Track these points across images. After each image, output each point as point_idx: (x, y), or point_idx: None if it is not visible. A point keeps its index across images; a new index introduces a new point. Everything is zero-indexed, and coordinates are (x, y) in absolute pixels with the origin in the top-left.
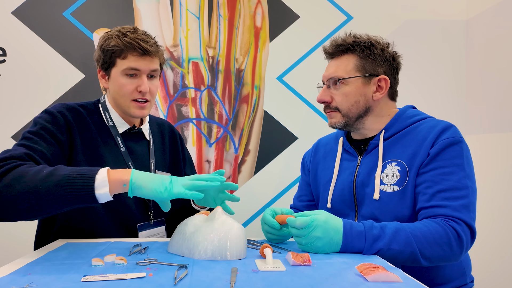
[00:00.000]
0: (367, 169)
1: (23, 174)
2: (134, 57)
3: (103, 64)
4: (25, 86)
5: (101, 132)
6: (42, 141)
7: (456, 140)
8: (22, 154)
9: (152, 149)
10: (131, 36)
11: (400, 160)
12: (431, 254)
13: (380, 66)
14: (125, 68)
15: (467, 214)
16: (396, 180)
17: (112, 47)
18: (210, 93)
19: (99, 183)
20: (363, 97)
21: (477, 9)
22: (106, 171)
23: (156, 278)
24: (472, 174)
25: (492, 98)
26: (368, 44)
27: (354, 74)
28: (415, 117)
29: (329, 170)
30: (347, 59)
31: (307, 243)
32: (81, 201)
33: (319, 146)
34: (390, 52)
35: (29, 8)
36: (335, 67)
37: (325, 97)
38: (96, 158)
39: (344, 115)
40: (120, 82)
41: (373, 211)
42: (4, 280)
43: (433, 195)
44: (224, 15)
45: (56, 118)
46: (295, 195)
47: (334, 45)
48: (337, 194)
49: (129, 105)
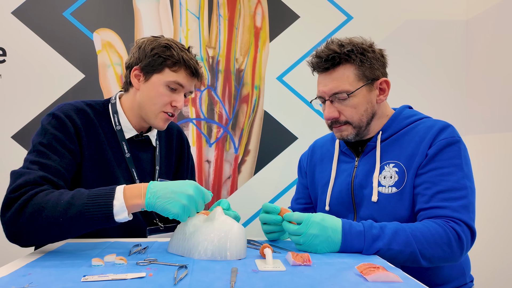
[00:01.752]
0: (364, 171)
1: (43, 206)
2: (185, 74)
3: (146, 66)
4: (25, 86)
5: (108, 136)
6: (54, 155)
7: (454, 140)
8: (37, 178)
9: (158, 156)
10: (189, 55)
11: (398, 161)
12: (431, 254)
13: (377, 68)
14: (172, 80)
15: (466, 215)
16: (394, 182)
17: (169, 56)
18: (210, 93)
19: (117, 210)
20: (369, 104)
21: (477, 9)
22: (122, 196)
23: (156, 278)
24: (471, 174)
25: (492, 98)
26: (361, 50)
27: (358, 85)
28: (412, 118)
29: (326, 172)
30: (344, 70)
31: (304, 241)
32: (103, 225)
33: (315, 148)
34: (377, 51)
35: (29, 8)
36: (335, 81)
37: (333, 113)
38: (102, 163)
39: (356, 127)
40: (159, 91)
41: (371, 213)
42: (4, 280)
43: (432, 196)
44: (224, 15)
45: (65, 126)
46: (293, 198)
47: (326, 58)
48: (335, 197)
49: (157, 115)
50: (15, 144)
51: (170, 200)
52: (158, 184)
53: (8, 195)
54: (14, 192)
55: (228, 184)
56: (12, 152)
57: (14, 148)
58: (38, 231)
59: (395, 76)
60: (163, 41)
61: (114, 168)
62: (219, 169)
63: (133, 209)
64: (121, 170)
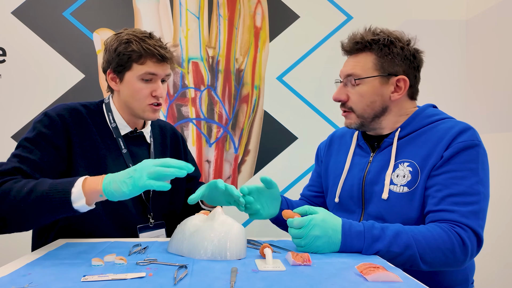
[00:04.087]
0: (378, 167)
1: (7, 192)
2: (152, 63)
3: (116, 67)
4: (25, 86)
5: (102, 134)
6: (36, 149)
7: (473, 143)
8: (10, 168)
9: (152, 152)
10: (149, 42)
11: (413, 161)
12: (432, 259)
13: (399, 65)
14: (143, 73)
15: (475, 221)
16: (406, 181)
17: (131, 51)
18: (210, 93)
19: (75, 197)
20: (379, 97)
21: (477, 9)
22: (81, 183)
23: (156, 278)
24: (487, 180)
25: (492, 98)
26: (387, 42)
27: (372, 74)
28: (433, 117)
29: (340, 164)
30: (365, 57)
31: (306, 243)
32: (64, 213)
33: (334, 138)
34: (410, 49)
35: (29, 8)
36: (353, 64)
37: (341, 95)
38: (96, 161)
39: (359, 116)
40: (136, 87)
41: (380, 210)
42: (4, 280)
43: (442, 199)
44: (224, 15)
45: (54, 122)
46: (306, 184)
47: (352, 42)
48: (346, 190)
49: (144, 109)
50: (15, 144)
51: (120, 177)
52: (118, 172)
53: None
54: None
55: None
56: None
57: (14, 148)
58: (2, 216)
59: None
60: (124, 36)
61: (109, 165)
62: (219, 169)
63: (92, 196)
64: (117, 166)
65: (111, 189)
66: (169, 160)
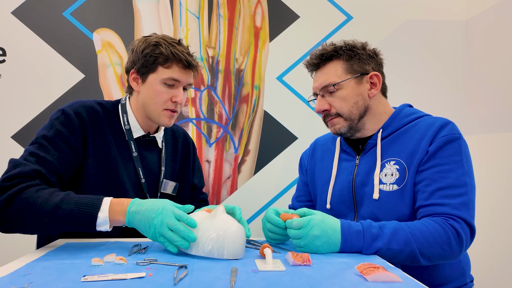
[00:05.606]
0: (366, 169)
1: (31, 203)
2: (178, 68)
3: (140, 68)
4: (25, 86)
5: (115, 135)
6: (54, 150)
7: (454, 137)
8: (30, 171)
9: (163, 157)
10: (178, 48)
11: (399, 158)
12: (430, 253)
13: (367, 63)
14: (166, 77)
15: (466, 212)
16: (395, 179)
17: (158, 54)
18: (210, 93)
19: (100, 221)
20: (360, 97)
21: (477, 9)
22: (108, 209)
23: (156, 278)
24: (471, 171)
25: (492, 98)
26: (349, 47)
27: (346, 77)
28: (412, 115)
29: (327, 170)
30: (334, 65)
31: (306, 243)
32: (84, 231)
33: (317, 146)
34: (370, 49)
35: (29, 8)
36: (325, 76)
37: (323, 105)
38: (107, 161)
39: (347, 119)
40: (157, 90)
41: (372, 210)
42: (4, 280)
43: (432, 193)
44: (224, 15)
45: (71, 121)
46: (294, 196)
47: (318, 55)
48: (336, 195)
49: (160, 113)
50: (15, 144)
51: (144, 216)
52: (137, 203)
53: (1, 182)
54: (7, 181)
55: (228, 184)
56: (12, 152)
57: (14, 148)
58: (22, 224)
59: (394, 76)
60: (153, 39)
61: (119, 166)
62: (219, 169)
63: (115, 224)
64: (127, 169)
65: (133, 224)
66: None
